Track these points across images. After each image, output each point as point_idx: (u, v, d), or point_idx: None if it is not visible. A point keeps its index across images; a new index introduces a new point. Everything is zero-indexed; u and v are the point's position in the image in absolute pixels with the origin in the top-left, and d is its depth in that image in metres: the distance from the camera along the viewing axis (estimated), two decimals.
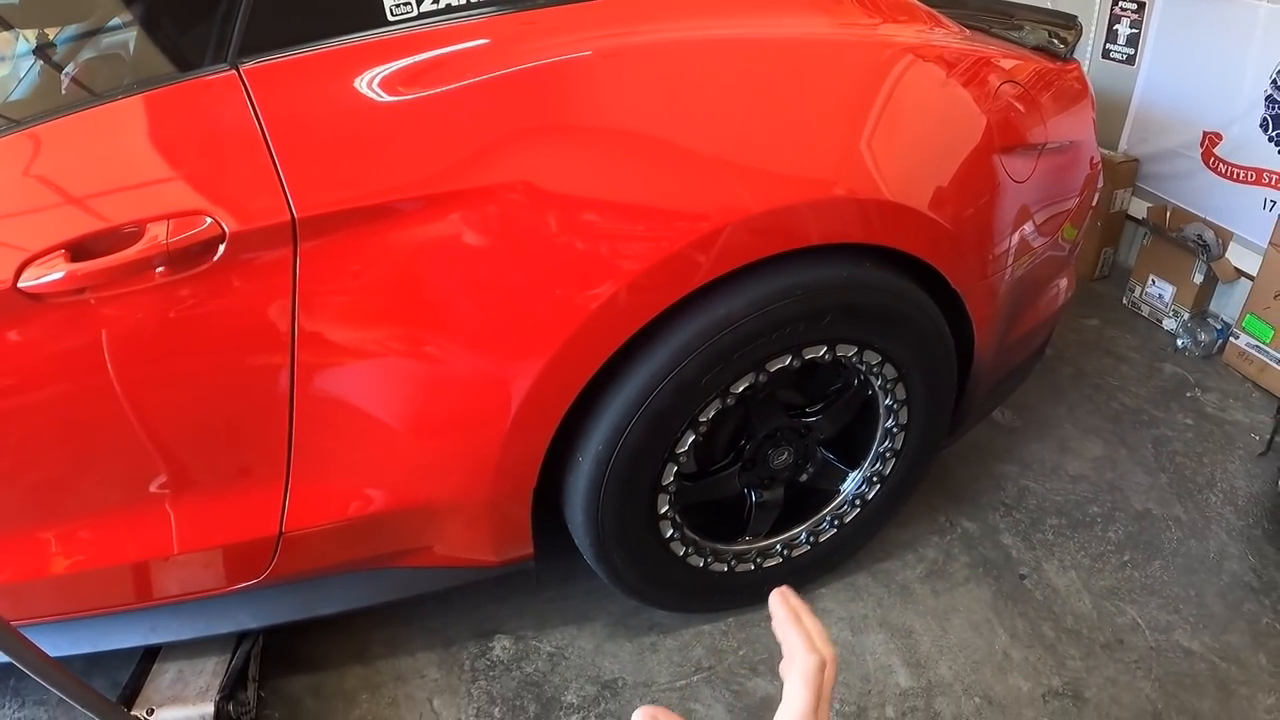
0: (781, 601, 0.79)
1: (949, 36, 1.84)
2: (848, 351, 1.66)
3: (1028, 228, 1.90)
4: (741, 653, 1.96)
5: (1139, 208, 3.53)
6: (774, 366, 1.60)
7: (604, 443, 1.52)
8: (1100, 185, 2.27)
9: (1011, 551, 2.26)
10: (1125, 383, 3.00)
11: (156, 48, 1.44)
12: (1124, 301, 3.50)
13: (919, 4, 1.89)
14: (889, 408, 1.80)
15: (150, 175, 1.33)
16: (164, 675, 1.83)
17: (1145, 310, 3.41)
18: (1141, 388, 2.99)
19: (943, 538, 2.28)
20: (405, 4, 1.38)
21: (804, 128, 1.55)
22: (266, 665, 1.96)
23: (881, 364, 1.71)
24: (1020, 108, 1.85)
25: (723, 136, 1.47)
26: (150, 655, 1.88)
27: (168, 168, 1.33)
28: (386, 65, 1.36)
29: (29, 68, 1.64)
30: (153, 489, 1.55)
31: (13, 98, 1.59)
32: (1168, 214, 3.37)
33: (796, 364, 1.62)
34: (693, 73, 1.49)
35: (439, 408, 1.51)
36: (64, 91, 1.49)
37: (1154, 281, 3.37)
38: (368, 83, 1.35)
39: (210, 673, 1.82)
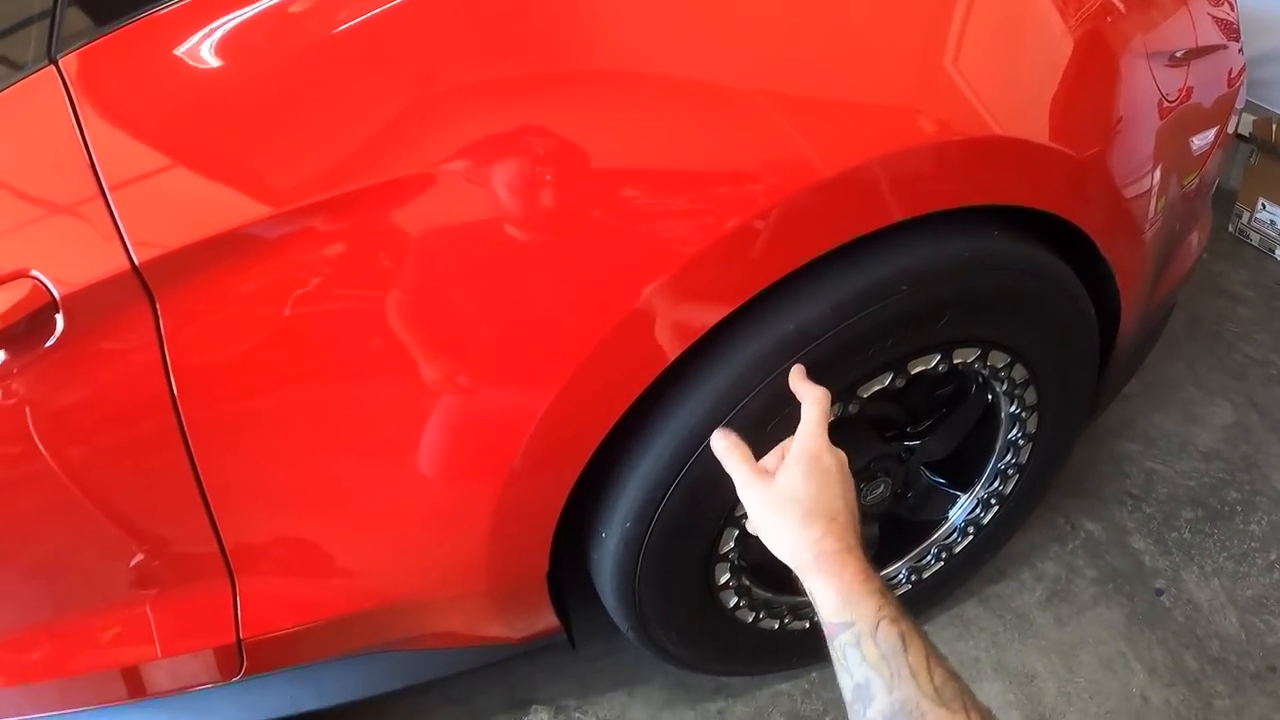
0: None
1: None
2: (968, 357, 1.11)
3: (1175, 159, 1.33)
4: (828, 718, 1.47)
5: (1245, 123, 2.90)
6: (869, 391, 1.06)
7: (633, 518, 0.99)
8: (1241, 105, 1.68)
9: (1144, 558, 1.72)
10: (1246, 328, 2.41)
11: None
12: (1229, 229, 2.88)
13: None
14: (1014, 416, 1.25)
15: None
16: None
17: (1254, 239, 2.79)
18: (1263, 333, 2.39)
19: (1064, 546, 1.74)
20: None
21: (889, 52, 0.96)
22: None
23: (1010, 365, 1.17)
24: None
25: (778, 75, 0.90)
26: None
27: None
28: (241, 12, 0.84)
29: None
30: (91, 599, 1.17)
31: None
32: (1275, 127, 2.75)
33: (900, 383, 1.08)
34: None
35: (387, 485, 1.00)
36: None
37: (1264, 206, 2.75)
38: (214, 47, 0.84)
39: None
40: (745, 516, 1.06)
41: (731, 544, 1.12)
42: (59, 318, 0.84)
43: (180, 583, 1.14)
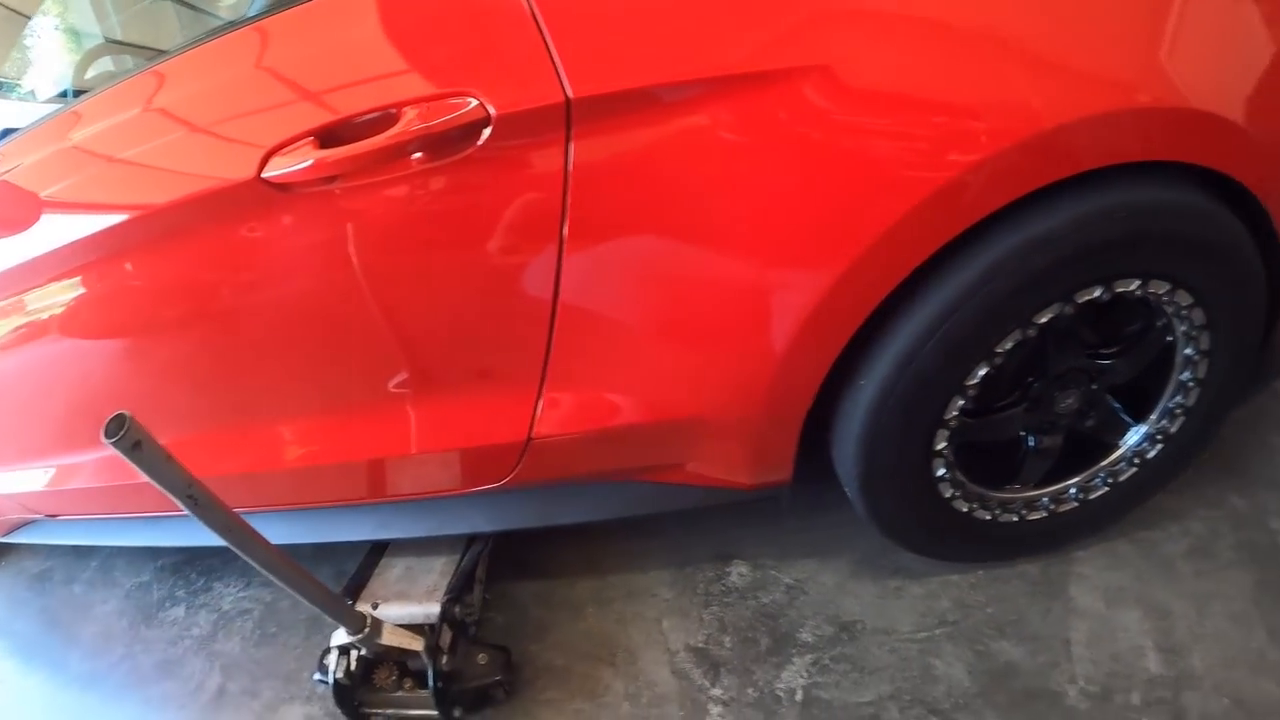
0: None
1: None
2: (1160, 288, 1.36)
3: None
4: (989, 610, 1.70)
5: None
6: (1083, 297, 1.32)
7: (893, 365, 1.28)
8: None
9: (1279, 538, 1.92)
10: None
11: None
12: None
13: None
14: (1188, 358, 1.49)
15: (403, 56, 1.18)
16: (391, 570, 1.73)
17: None
18: None
19: (1210, 511, 1.93)
20: None
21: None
22: (494, 566, 1.84)
23: (1191, 307, 1.40)
24: None
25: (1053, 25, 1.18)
26: (379, 548, 1.78)
27: (424, 46, 1.18)
28: None
29: None
30: (397, 388, 1.44)
31: None
32: None
33: (1106, 297, 1.33)
34: None
35: (714, 318, 1.31)
36: None
37: None
38: None
39: (438, 572, 1.70)
40: (973, 387, 1.35)
41: (955, 412, 1.39)
42: (486, 131, 1.14)
43: (495, 379, 1.41)
